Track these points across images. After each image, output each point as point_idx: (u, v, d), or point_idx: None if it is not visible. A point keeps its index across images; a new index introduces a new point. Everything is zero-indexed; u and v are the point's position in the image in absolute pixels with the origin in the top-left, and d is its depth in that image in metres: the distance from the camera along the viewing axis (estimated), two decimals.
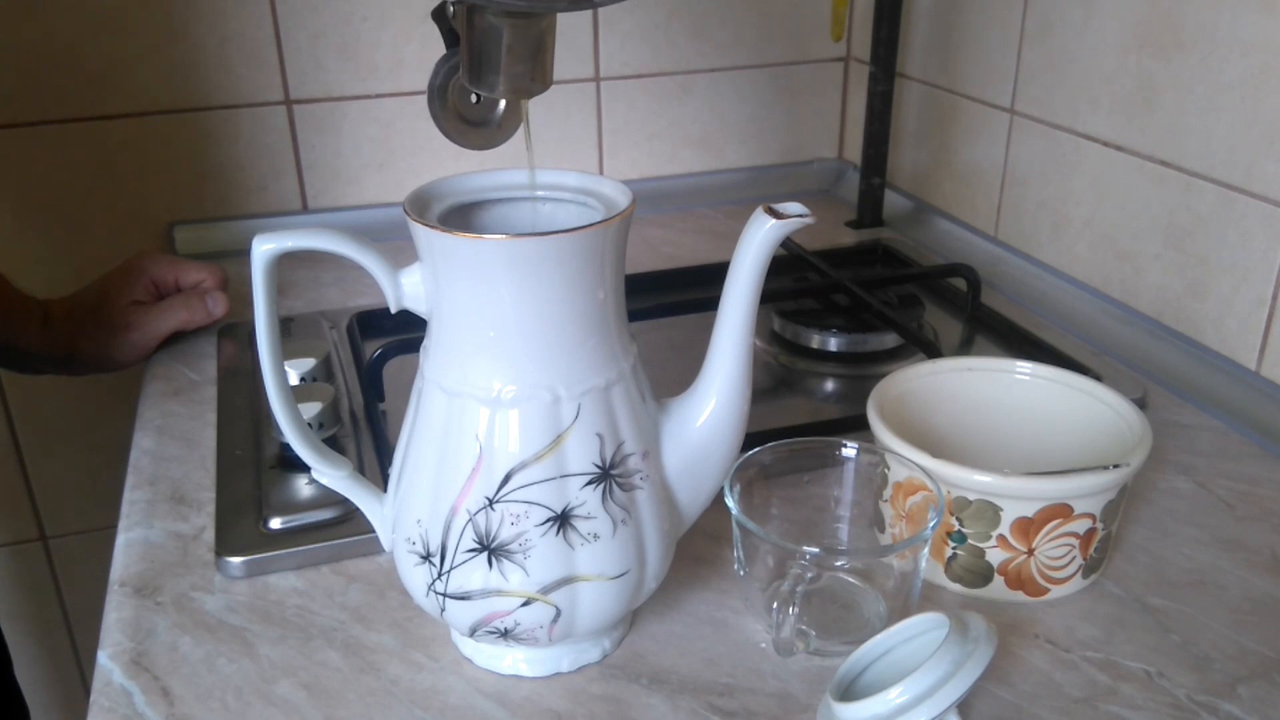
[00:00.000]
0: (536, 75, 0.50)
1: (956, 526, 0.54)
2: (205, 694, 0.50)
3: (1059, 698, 0.49)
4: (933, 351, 0.74)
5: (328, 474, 0.51)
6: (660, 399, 0.50)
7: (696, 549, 0.59)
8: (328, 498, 0.60)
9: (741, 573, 0.53)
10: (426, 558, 0.47)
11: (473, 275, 0.44)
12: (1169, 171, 0.76)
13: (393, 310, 0.47)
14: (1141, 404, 0.72)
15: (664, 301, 0.80)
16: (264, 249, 0.45)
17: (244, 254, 0.47)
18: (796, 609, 0.48)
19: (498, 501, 0.45)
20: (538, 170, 0.50)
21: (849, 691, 0.47)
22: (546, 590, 0.46)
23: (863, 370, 0.79)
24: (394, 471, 0.50)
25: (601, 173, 1.02)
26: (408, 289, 0.47)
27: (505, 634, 0.47)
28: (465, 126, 0.55)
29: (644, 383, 0.49)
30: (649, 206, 1.09)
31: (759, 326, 0.71)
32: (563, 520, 0.46)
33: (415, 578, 0.48)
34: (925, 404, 0.61)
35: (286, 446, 0.63)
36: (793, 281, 0.89)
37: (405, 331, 0.69)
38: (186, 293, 0.83)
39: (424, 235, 0.44)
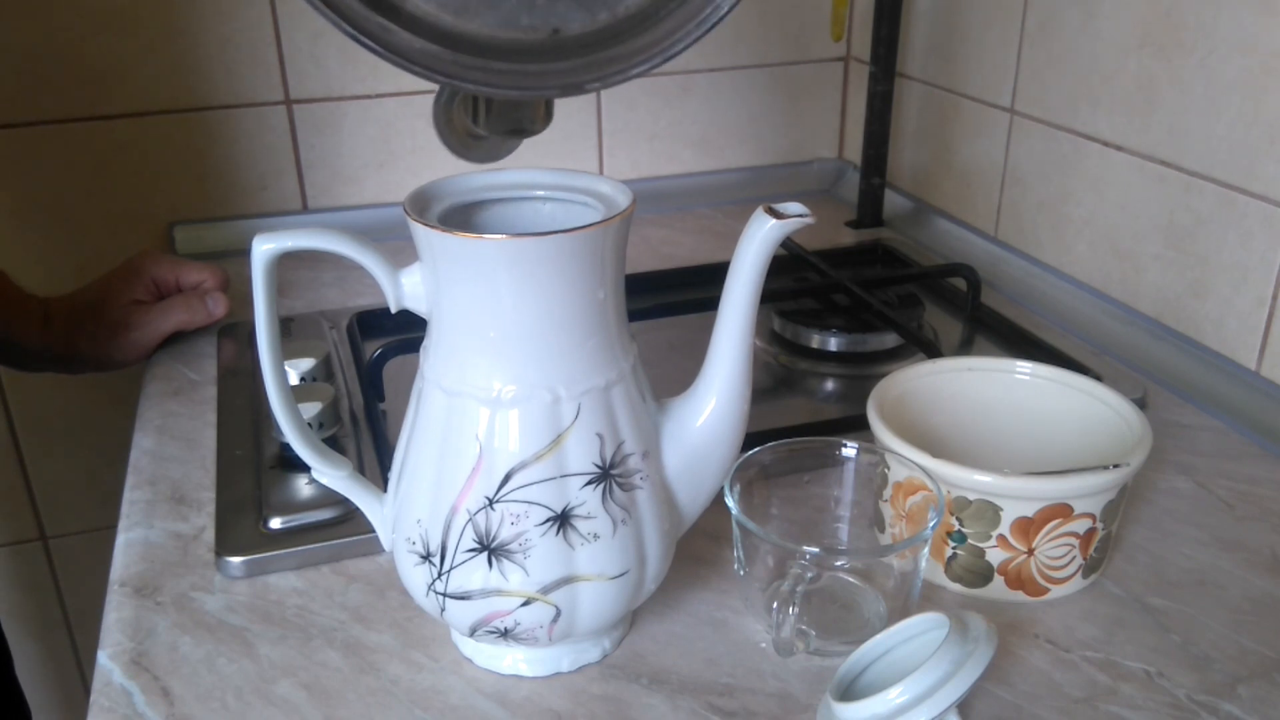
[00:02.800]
0: (537, 117, 0.50)
1: (956, 526, 0.54)
2: (205, 694, 0.50)
3: (1059, 698, 0.49)
4: (933, 351, 0.74)
5: (328, 474, 0.51)
6: (660, 399, 0.50)
7: (696, 549, 0.59)
8: (328, 498, 0.60)
9: (741, 573, 0.53)
10: (426, 557, 0.47)
11: (473, 275, 0.44)
12: (1169, 171, 0.76)
13: (393, 310, 0.47)
14: (1141, 404, 0.72)
15: (664, 301, 0.80)
16: (264, 249, 0.45)
17: (244, 254, 0.47)
18: (796, 609, 0.48)
19: (498, 501, 0.45)
20: (538, 170, 0.50)
21: (849, 691, 0.47)
22: (546, 590, 0.46)
23: (863, 370, 0.79)
24: (394, 471, 0.50)
25: (601, 173, 1.02)
26: (408, 289, 0.47)
27: (505, 634, 0.47)
28: (469, 140, 0.55)
29: (644, 383, 0.49)
30: (649, 206, 1.09)
31: (759, 326, 0.71)
32: (563, 520, 0.46)
33: (415, 577, 0.48)
34: (925, 404, 0.61)
35: (286, 446, 0.63)
36: (793, 281, 0.89)
37: (405, 331, 0.69)
38: (187, 293, 0.83)
39: (424, 235, 0.44)
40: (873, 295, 0.82)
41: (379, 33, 0.40)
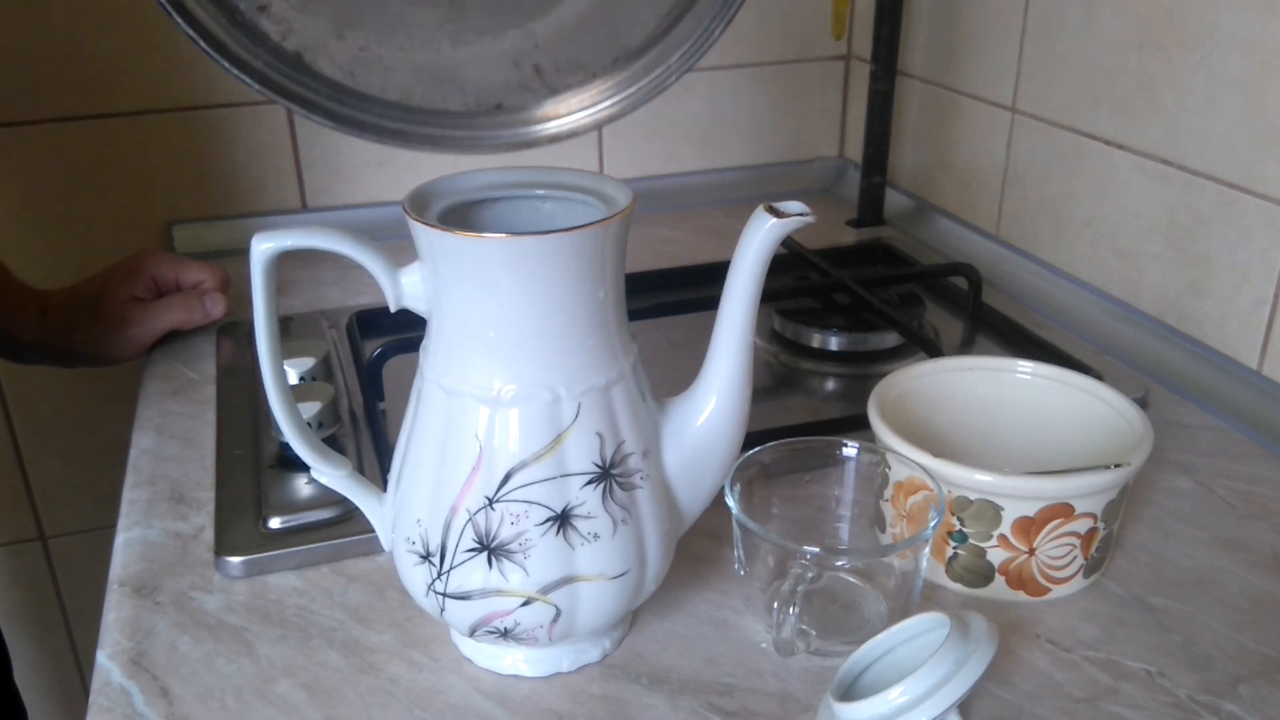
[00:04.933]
0: None
1: (957, 526, 0.54)
2: (205, 694, 0.50)
3: (1060, 697, 0.49)
4: (934, 351, 0.74)
5: (327, 473, 0.50)
6: (660, 398, 0.50)
7: (696, 549, 0.59)
8: (327, 497, 0.60)
9: (742, 572, 0.53)
10: (426, 557, 0.47)
11: (473, 274, 0.43)
12: (1170, 170, 0.76)
13: (392, 309, 0.47)
14: (1143, 403, 0.72)
15: (664, 301, 0.80)
16: (263, 248, 0.45)
17: (243, 253, 0.47)
18: (797, 609, 0.48)
19: (498, 501, 0.45)
20: (538, 169, 0.50)
21: (850, 691, 0.47)
22: (546, 590, 0.46)
23: (863, 369, 0.79)
24: (394, 471, 0.49)
25: (602, 171, 1.02)
26: (407, 288, 0.46)
27: (505, 634, 0.47)
28: None
29: (644, 382, 0.49)
30: (649, 205, 1.09)
31: (759, 325, 0.71)
32: (563, 520, 0.45)
33: (415, 577, 0.48)
34: (926, 403, 0.61)
35: (286, 446, 0.63)
36: (793, 280, 0.89)
37: (405, 331, 0.69)
38: (185, 292, 0.82)
39: (424, 234, 0.44)
40: (873, 294, 0.82)
41: (329, 105, 0.41)
